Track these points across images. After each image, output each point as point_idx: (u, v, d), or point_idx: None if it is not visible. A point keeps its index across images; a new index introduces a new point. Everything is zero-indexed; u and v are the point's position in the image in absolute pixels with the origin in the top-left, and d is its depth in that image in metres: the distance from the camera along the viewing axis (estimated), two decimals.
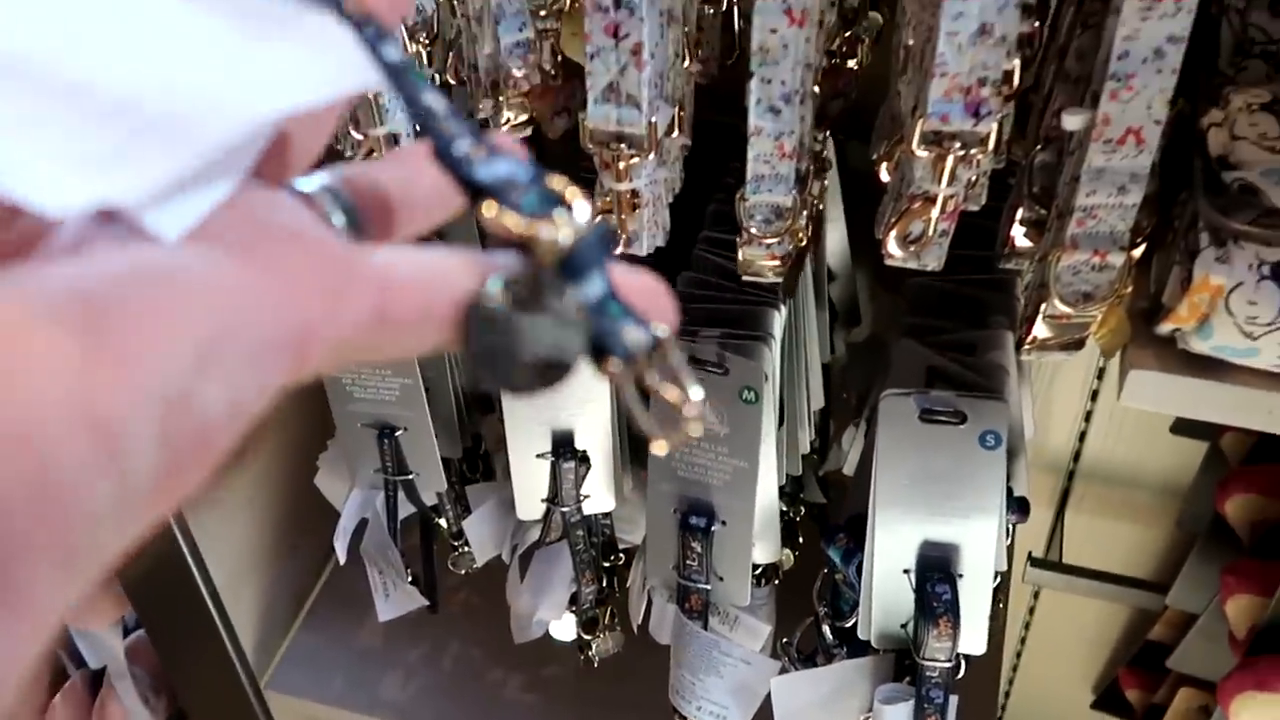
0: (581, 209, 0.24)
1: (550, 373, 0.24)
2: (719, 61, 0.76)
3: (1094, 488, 1.20)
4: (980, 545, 0.70)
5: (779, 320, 0.75)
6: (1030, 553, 1.22)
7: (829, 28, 0.66)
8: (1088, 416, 1.13)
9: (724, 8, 0.73)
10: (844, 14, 0.72)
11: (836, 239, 0.93)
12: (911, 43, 0.60)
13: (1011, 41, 0.52)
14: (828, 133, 0.71)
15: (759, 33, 0.56)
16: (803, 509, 0.99)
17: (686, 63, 0.66)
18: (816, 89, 0.62)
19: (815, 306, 0.88)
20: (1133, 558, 1.24)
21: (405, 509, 0.95)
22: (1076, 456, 1.17)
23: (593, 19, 0.56)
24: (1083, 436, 1.15)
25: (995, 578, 0.72)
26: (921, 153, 0.55)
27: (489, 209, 0.23)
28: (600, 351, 0.24)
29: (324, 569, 1.17)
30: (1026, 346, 0.62)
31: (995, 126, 0.54)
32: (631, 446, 0.88)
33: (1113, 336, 0.61)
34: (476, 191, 0.23)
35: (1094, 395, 1.11)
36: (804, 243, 0.64)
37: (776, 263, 0.64)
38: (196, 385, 0.19)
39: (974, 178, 0.59)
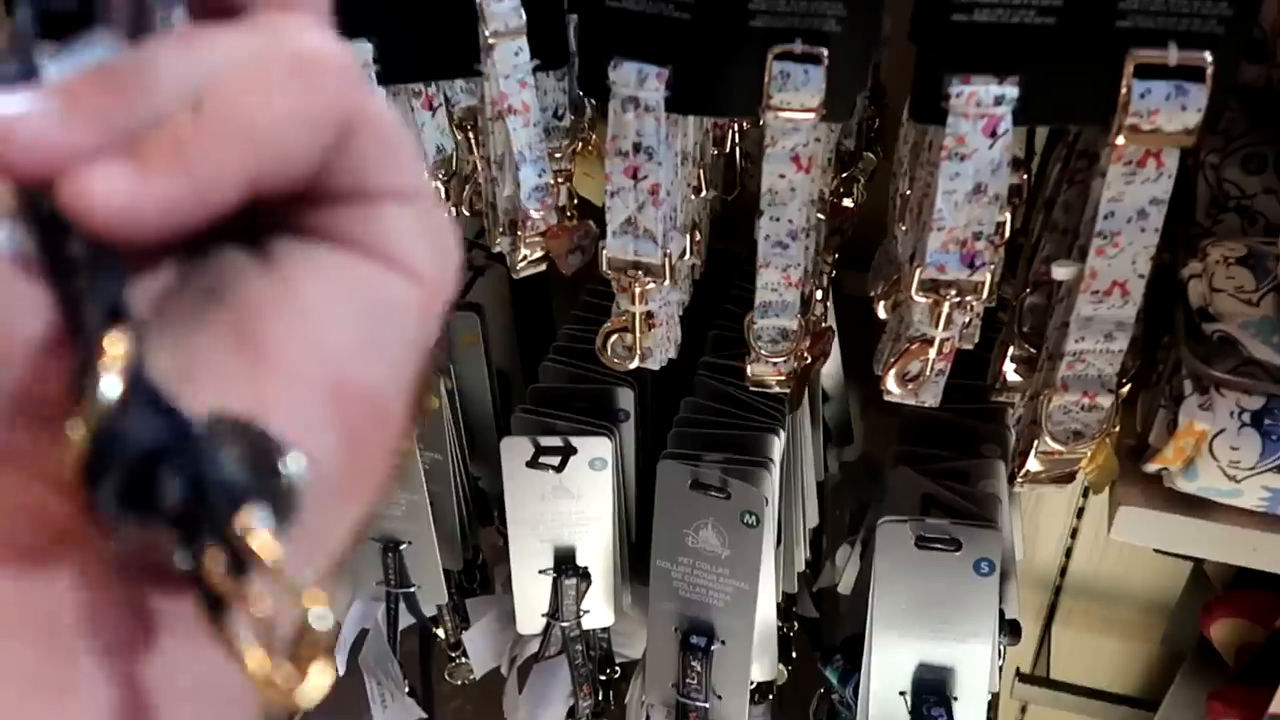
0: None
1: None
2: (721, 196, 0.79)
3: (1081, 603, 1.22)
4: (975, 668, 0.72)
5: (779, 445, 0.78)
6: (1018, 668, 1.24)
7: (831, 172, 0.70)
8: (1073, 534, 1.16)
9: (728, 149, 0.76)
10: (840, 156, 0.76)
11: (831, 362, 0.96)
12: (908, 193, 0.63)
13: (1003, 199, 0.56)
14: (835, 254, 0.74)
15: (768, 177, 0.59)
16: (796, 623, 1.00)
17: (702, 192, 0.69)
18: (822, 216, 0.66)
19: (811, 427, 0.90)
20: (1120, 674, 1.25)
21: (404, 619, 0.96)
22: (1063, 572, 1.19)
23: (614, 162, 0.59)
24: (1069, 553, 1.18)
25: (989, 699, 0.74)
26: (920, 299, 0.58)
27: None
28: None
29: None
30: (1020, 479, 0.65)
31: (989, 275, 0.58)
32: (631, 563, 0.90)
33: (1102, 472, 0.63)
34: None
35: (1079, 513, 1.14)
36: (808, 360, 0.67)
37: (781, 377, 0.67)
38: (349, 365, 0.20)
39: (968, 320, 0.62)
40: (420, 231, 0.22)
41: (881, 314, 0.68)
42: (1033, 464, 0.64)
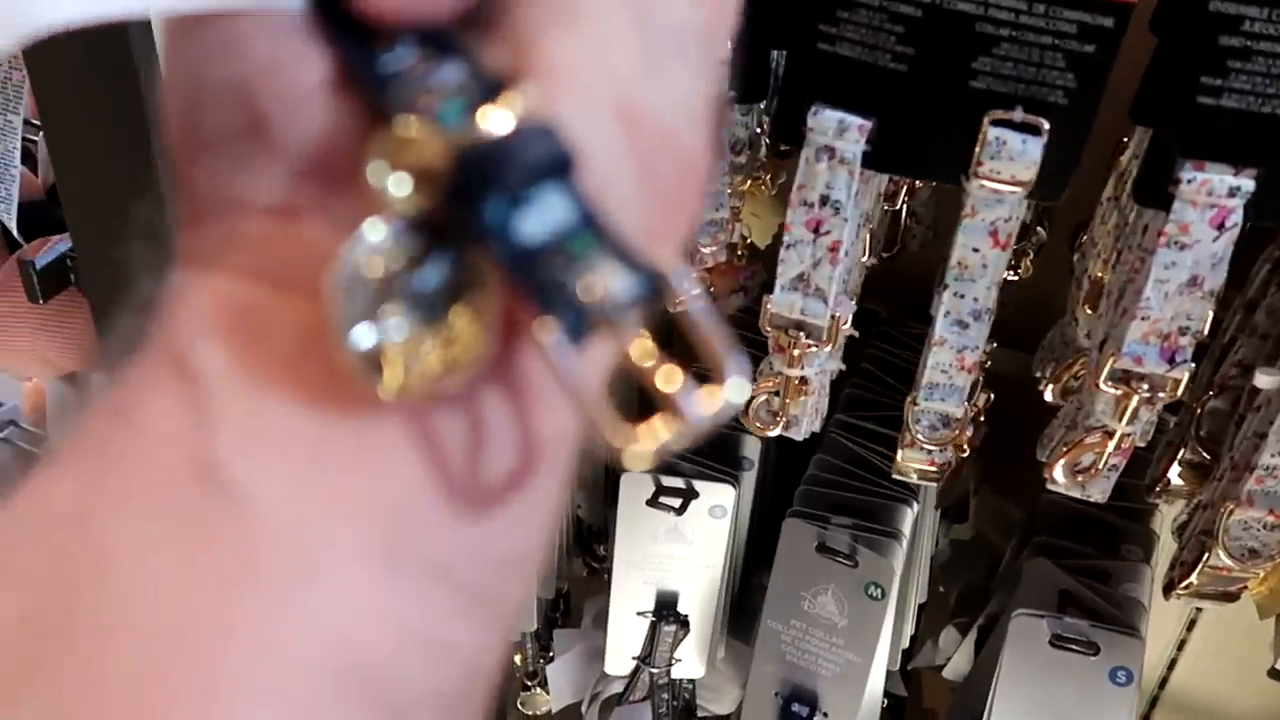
0: (527, 98, 0.17)
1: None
2: (880, 253, 0.77)
3: (1175, 719, 1.16)
4: None
5: (910, 518, 0.75)
6: None
7: None
8: (1180, 645, 1.11)
9: (897, 206, 0.74)
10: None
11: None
12: (1102, 276, 0.60)
13: (1218, 295, 0.52)
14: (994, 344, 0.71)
15: (961, 250, 0.56)
16: (885, 700, 0.97)
17: (865, 257, 0.67)
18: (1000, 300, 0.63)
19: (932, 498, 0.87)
20: None
21: None
22: (1162, 684, 1.14)
23: (796, 212, 0.57)
24: (1172, 665, 1.12)
25: None
26: (1108, 389, 0.55)
27: (402, 126, 0.17)
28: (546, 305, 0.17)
29: None
30: (1179, 591, 0.61)
31: (1187, 374, 0.54)
32: (730, 617, 0.87)
33: (1272, 596, 0.60)
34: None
35: (1191, 625, 1.09)
36: (965, 453, 0.64)
37: (933, 469, 0.64)
38: (638, 91, 0.19)
39: (1149, 418, 0.59)
40: None
41: (1049, 397, 0.65)
42: (1196, 577, 0.60)
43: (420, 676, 0.18)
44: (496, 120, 0.17)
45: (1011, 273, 0.76)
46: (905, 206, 0.75)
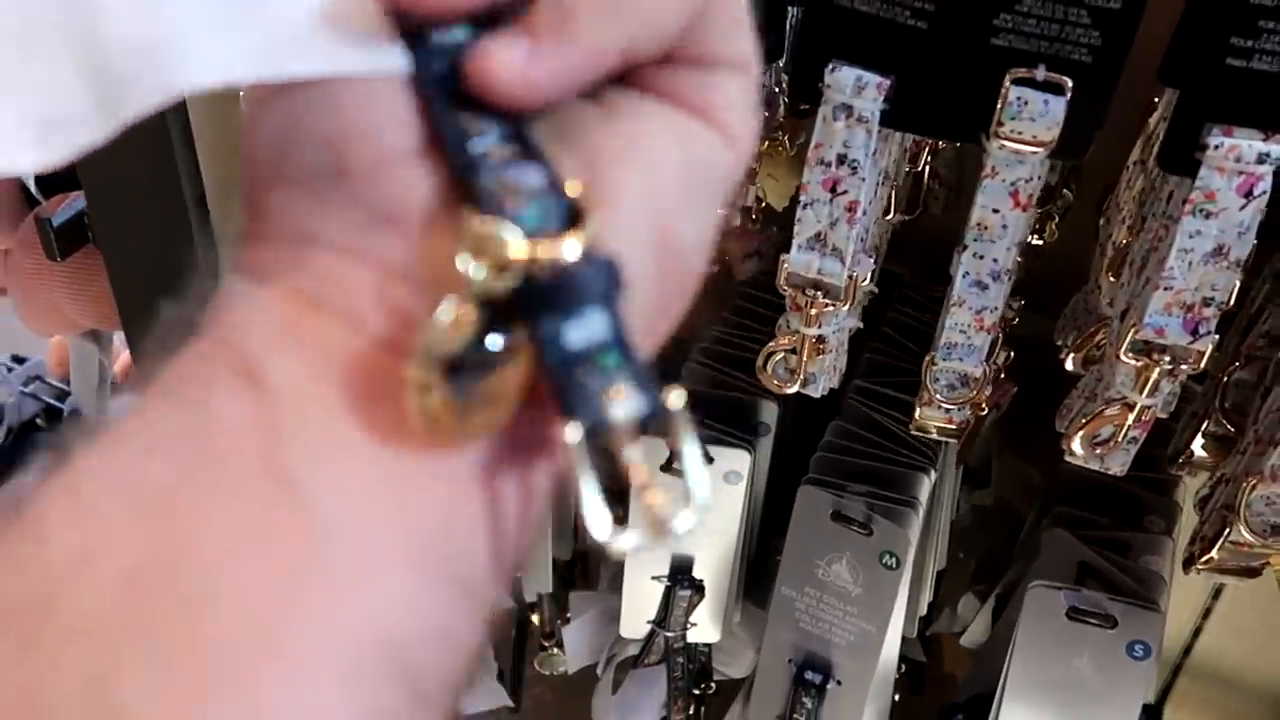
0: (593, 228, 0.20)
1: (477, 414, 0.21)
2: (903, 217, 0.75)
3: (1199, 687, 1.15)
4: None
5: (927, 486, 0.73)
6: None
7: None
8: (1206, 613, 1.09)
9: (920, 167, 0.72)
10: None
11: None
12: (1126, 243, 0.58)
13: (1243, 264, 0.51)
14: (1021, 302, 0.69)
15: (980, 210, 0.55)
16: (903, 665, 0.96)
17: (890, 214, 0.65)
18: (1020, 259, 0.62)
19: (952, 466, 0.86)
20: None
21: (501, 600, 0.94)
22: (1187, 652, 1.13)
23: (813, 171, 0.56)
24: (1197, 633, 1.11)
25: None
26: (1128, 360, 0.53)
27: (480, 222, 0.20)
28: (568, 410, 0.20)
29: None
30: (1199, 566, 0.60)
31: (1210, 345, 0.53)
32: (746, 582, 0.86)
33: None
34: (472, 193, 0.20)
35: (1217, 593, 1.07)
36: (984, 412, 0.63)
37: (952, 426, 0.63)
38: (674, 221, 0.22)
39: (1172, 388, 0.57)
40: (745, 99, 0.23)
41: (1070, 366, 0.64)
42: (1217, 552, 0.59)
43: (436, 663, 0.21)
44: (568, 249, 0.20)
45: (1036, 236, 0.74)
46: (928, 168, 0.73)
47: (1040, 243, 0.74)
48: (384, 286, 0.21)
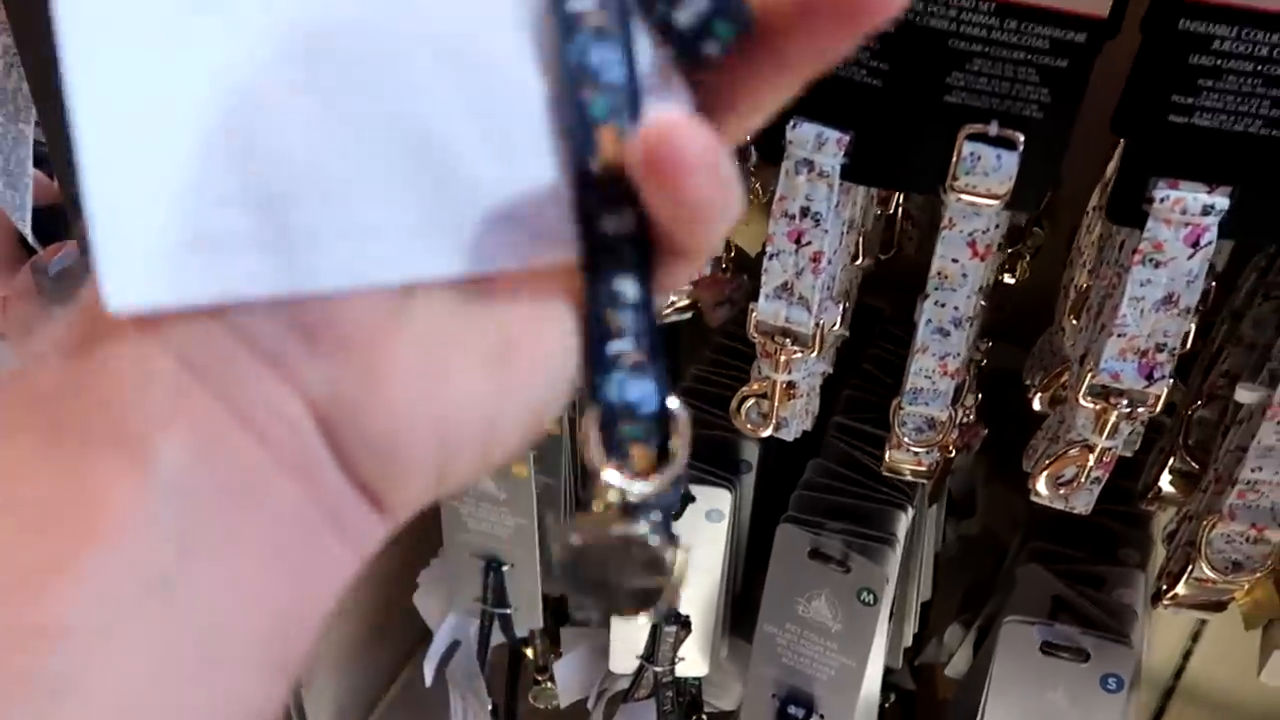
0: (679, 461, 0.23)
1: (646, 597, 0.24)
2: (876, 255, 0.76)
3: (1191, 710, 1.16)
4: None
5: (904, 522, 0.75)
6: None
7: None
8: (1195, 637, 1.10)
9: (891, 209, 0.73)
10: (1009, 232, 0.72)
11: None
12: (1086, 286, 0.60)
13: (1194, 311, 0.52)
14: (989, 342, 0.71)
15: (940, 260, 0.56)
16: (892, 694, 0.97)
17: (859, 260, 0.67)
18: (984, 303, 0.63)
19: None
20: None
21: (495, 636, 0.95)
22: (1178, 674, 1.13)
23: (778, 223, 0.57)
24: (1187, 655, 1.12)
25: None
26: (1087, 404, 0.55)
27: (590, 425, 0.23)
28: None
29: (398, 679, 1.17)
30: (1166, 601, 0.61)
31: (1166, 389, 0.54)
32: (733, 615, 0.87)
33: (1257, 608, 0.59)
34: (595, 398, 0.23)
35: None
36: (952, 454, 0.64)
37: (922, 468, 0.64)
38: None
39: (1133, 429, 0.58)
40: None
41: (1037, 405, 0.65)
42: (1183, 588, 0.60)
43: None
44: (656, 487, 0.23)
45: (1009, 274, 0.76)
46: (900, 210, 0.75)
47: (1013, 281, 0.75)
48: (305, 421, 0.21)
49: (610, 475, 0.23)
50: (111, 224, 0.19)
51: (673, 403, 0.23)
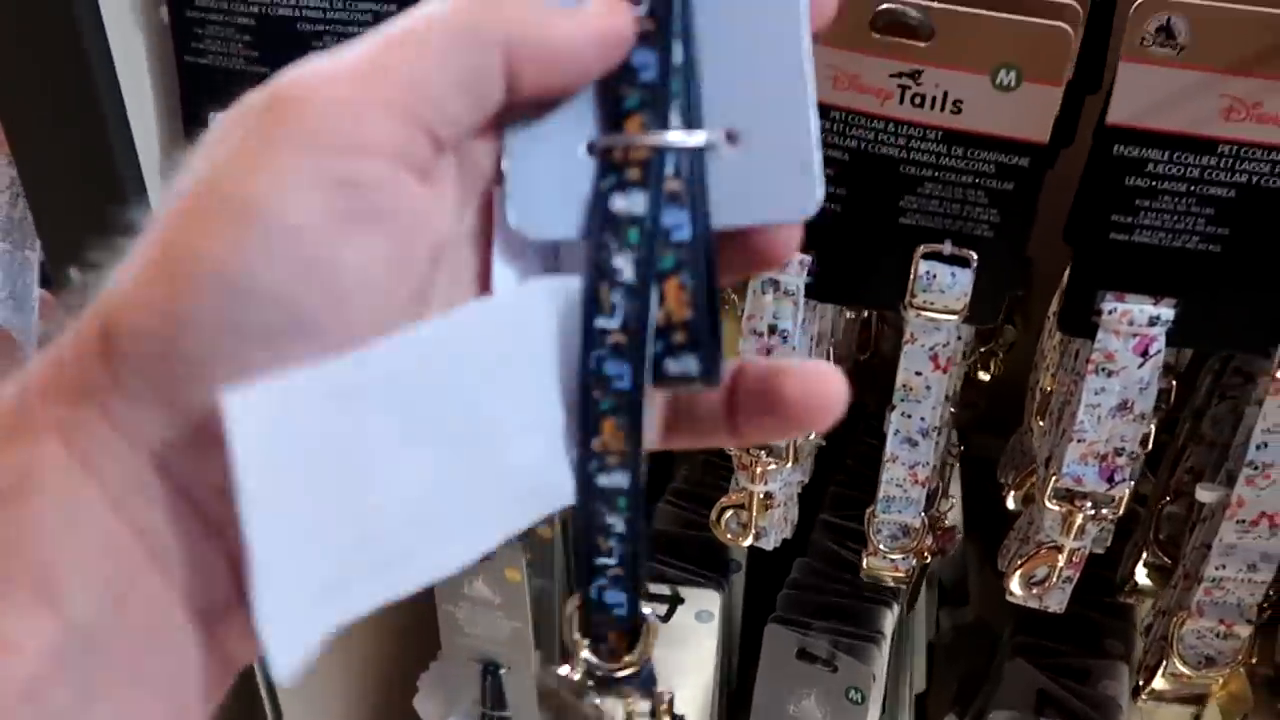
0: (645, 657, 0.27)
1: None
2: (854, 359, 0.79)
3: None
4: None
5: (891, 619, 0.76)
6: None
7: (968, 354, 0.69)
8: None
9: (864, 313, 0.76)
10: (980, 331, 0.75)
11: (951, 519, 0.94)
12: (1049, 390, 0.62)
13: (1150, 416, 0.54)
14: (961, 447, 0.72)
15: (904, 373, 0.58)
16: None
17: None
18: (953, 409, 0.65)
19: (925, 587, 0.88)
20: None
21: None
22: None
23: (747, 340, 0.59)
24: None
25: None
26: (1052, 506, 0.56)
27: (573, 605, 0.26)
28: None
29: None
30: (1144, 697, 0.62)
31: (1128, 491, 0.56)
32: (729, 714, 0.88)
33: (1234, 701, 0.60)
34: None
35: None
36: (928, 559, 0.65)
37: (900, 574, 0.65)
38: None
39: (1101, 529, 0.60)
40: None
41: (1010, 504, 0.67)
42: (1159, 683, 0.61)
43: None
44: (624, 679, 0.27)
45: (984, 371, 0.78)
46: (873, 313, 0.77)
47: (988, 379, 0.77)
48: None
49: (586, 654, 0.26)
50: (272, 596, 0.21)
51: (645, 610, 0.26)
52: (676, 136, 0.25)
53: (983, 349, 0.75)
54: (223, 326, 0.21)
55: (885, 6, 0.49)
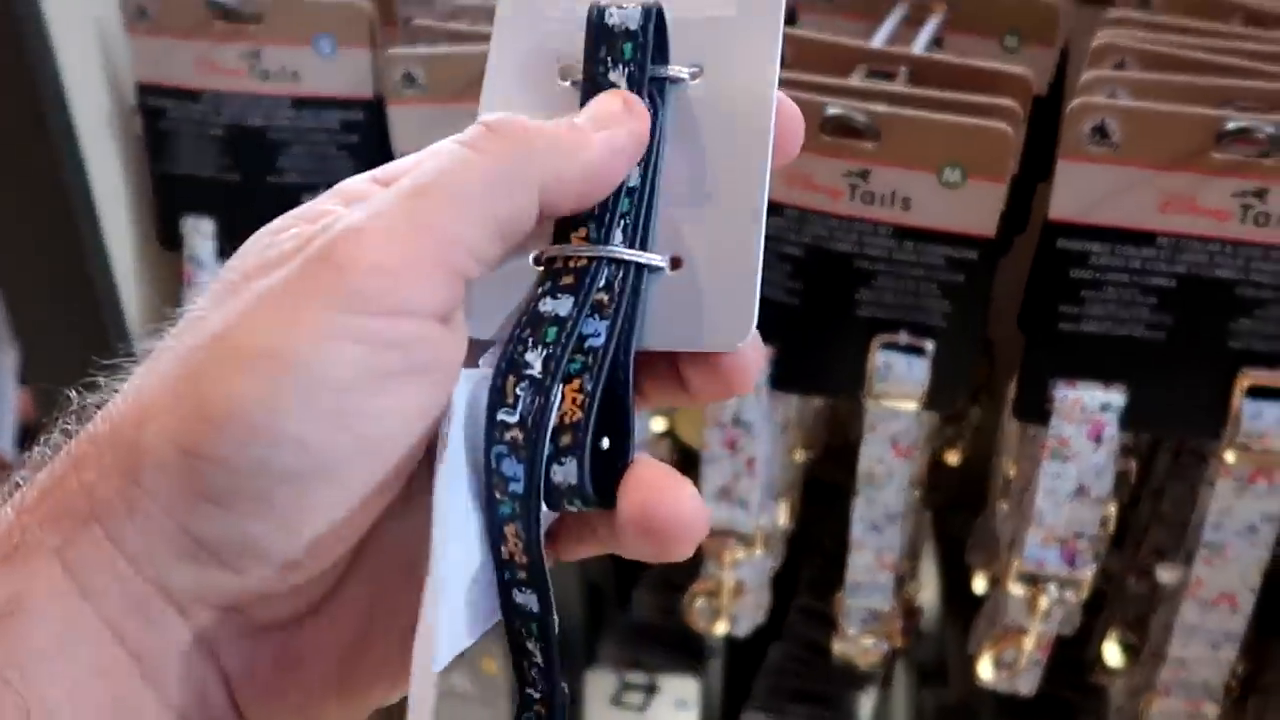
0: None
1: None
2: (822, 446, 0.80)
3: None
4: None
5: (869, 704, 0.76)
6: None
7: (932, 436, 0.70)
8: None
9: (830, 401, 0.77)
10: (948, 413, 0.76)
11: (927, 599, 0.94)
12: (1012, 474, 0.63)
13: (1107, 498, 0.55)
14: (930, 514, 0.73)
15: (866, 460, 0.59)
16: None
17: (798, 457, 0.70)
18: (918, 492, 0.66)
19: (906, 669, 0.88)
20: None
21: None
22: None
23: (712, 431, 0.60)
24: None
25: None
26: (1017, 590, 0.57)
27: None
28: None
29: None
30: None
31: (1091, 573, 0.56)
32: None
33: None
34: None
35: None
36: (899, 643, 0.66)
37: (872, 658, 0.66)
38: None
39: (1067, 611, 0.60)
40: None
41: (979, 587, 0.67)
42: None
43: None
44: None
45: (951, 454, 0.79)
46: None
47: (956, 462, 0.78)
48: None
49: None
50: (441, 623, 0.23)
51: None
52: (617, 252, 0.26)
53: (949, 433, 0.76)
54: (249, 468, 0.21)
55: (833, 112, 0.50)
